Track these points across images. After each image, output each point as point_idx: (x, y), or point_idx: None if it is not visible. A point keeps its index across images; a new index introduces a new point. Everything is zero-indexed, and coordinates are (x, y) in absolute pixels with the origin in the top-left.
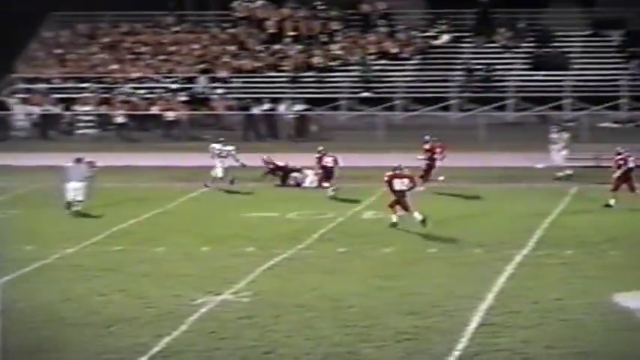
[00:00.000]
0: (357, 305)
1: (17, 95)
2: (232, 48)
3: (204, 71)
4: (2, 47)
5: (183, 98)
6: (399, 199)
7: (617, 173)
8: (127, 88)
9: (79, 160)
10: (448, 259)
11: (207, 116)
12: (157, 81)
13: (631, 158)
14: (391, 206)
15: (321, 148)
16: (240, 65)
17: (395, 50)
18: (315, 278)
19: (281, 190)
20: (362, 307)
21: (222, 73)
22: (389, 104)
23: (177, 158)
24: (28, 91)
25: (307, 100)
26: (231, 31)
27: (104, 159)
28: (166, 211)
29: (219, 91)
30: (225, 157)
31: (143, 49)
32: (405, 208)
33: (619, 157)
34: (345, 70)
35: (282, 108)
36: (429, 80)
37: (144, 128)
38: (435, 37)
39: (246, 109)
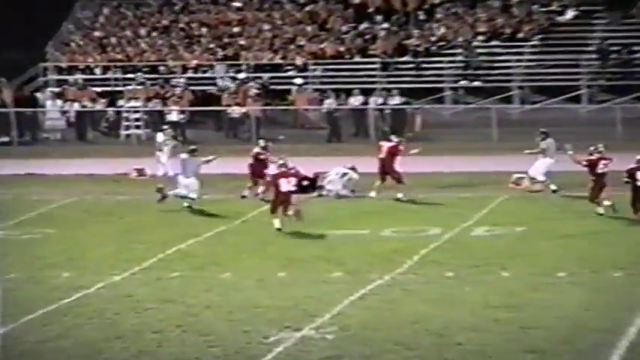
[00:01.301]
0: (469, 342)
1: (49, 89)
2: (310, 29)
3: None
4: (31, 31)
5: (254, 91)
6: (284, 202)
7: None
8: (183, 78)
9: (192, 152)
10: (580, 285)
11: (284, 112)
12: (219, 70)
13: (603, 162)
14: (273, 210)
15: (263, 144)
16: (321, 50)
17: (510, 30)
18: (416, 309)
19: (371, 202)
20: (474, 344)
21: (298, 60)
22: (503, 95)
23: (245, 163)
24: (62, 83)
25: (403, 92)
26: (309, 8)
27: (154, 166)
28: (233, 228)
29: (298, 81)
30: (161, 150)
31: (201, 30)
32: (286, 210)
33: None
34: (450, 55)
35: (373, 101)
36: (552, 66)
37: (203, 127)
38: (560, 13)
39: (323, 102)
